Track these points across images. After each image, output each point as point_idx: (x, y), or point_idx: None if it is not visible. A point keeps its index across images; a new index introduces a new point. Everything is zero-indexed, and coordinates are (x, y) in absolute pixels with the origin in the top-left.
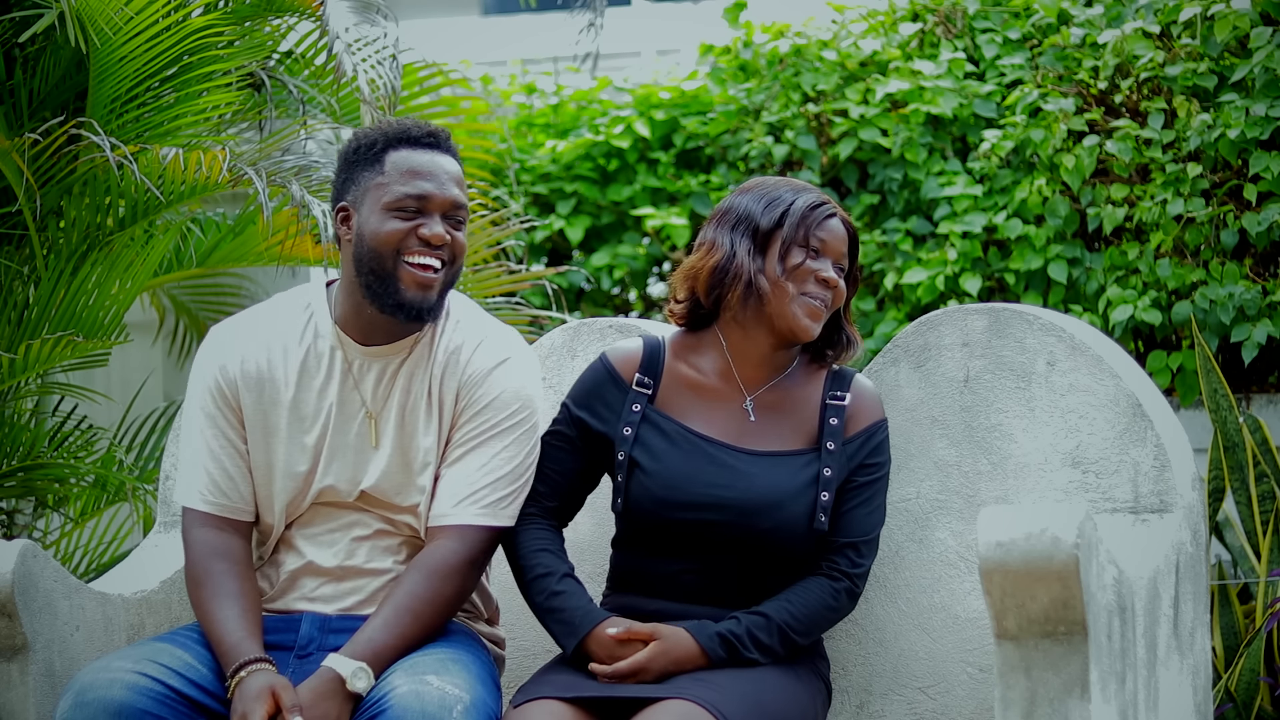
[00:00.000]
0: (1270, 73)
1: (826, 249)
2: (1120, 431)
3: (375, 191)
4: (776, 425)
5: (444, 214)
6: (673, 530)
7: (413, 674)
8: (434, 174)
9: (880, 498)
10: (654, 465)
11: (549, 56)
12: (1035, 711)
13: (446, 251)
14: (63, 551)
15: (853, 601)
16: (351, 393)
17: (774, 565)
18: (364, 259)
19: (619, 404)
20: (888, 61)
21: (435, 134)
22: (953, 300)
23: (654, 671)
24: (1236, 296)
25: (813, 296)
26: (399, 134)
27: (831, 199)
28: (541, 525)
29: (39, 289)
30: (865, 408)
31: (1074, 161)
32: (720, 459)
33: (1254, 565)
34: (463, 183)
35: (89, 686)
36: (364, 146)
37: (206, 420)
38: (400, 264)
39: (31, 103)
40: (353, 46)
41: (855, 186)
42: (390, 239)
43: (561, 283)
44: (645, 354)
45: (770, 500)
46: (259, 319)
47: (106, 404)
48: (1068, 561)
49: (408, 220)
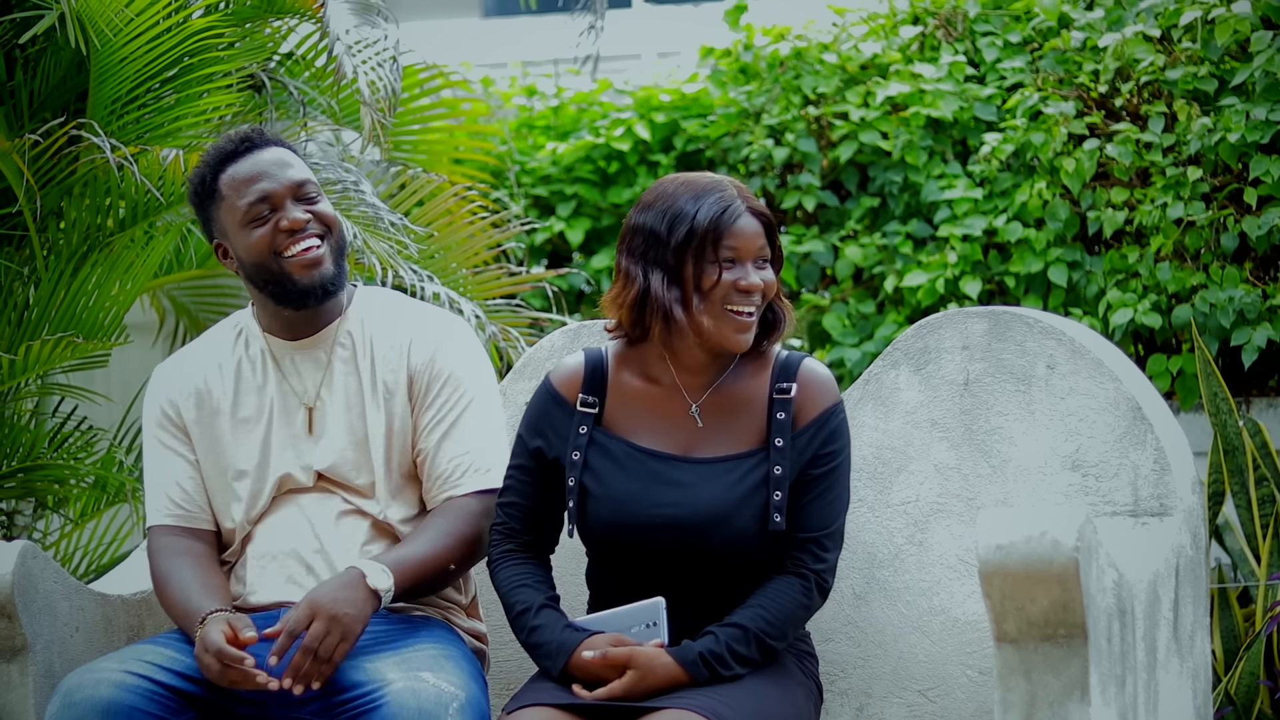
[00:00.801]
0: (1271, 77)
1: (741, 253)
2: (1120, 435)
3: (228, 217)
4: (726, 428)
5: (294, 198)
6: (630, 552)
7: (407, 670)
8: (262, 173)
9: (839, 486)
10: (601, 490)
11: (549, 59)
12: (1035, 714)
13: (315, 226)
14: (62, 552)
15: (823, 596)
16: (288, 387)
17: (738, 571)
18: (253, 275)
19: (565, 427)
20: (888, 64)
21: (248, 137)
22: (953, 303)
23: (636, 698)
24: (1236, 300)
25: (737, 310)
26: (217, 157)
27: (736, 187)
28: (518, 559)
29: (39, 290)
30: (814, 396)
31: (1074, 165)
32: (666, 475)
33: (1254, 569)
34: (293, 160)
35: (77, 687)
36: (198, 185)
37: (159, 446)
38: (281, 262)
39: (32, 104)
40: (353, 48)
41: (855, 189)
42: (261, 248)
43: (562, 285)
44: (587, 371)
45: (717, 514)
46: (194, 348)
47: (106, 405)
48: (1068, 564)
49: (265, 224)
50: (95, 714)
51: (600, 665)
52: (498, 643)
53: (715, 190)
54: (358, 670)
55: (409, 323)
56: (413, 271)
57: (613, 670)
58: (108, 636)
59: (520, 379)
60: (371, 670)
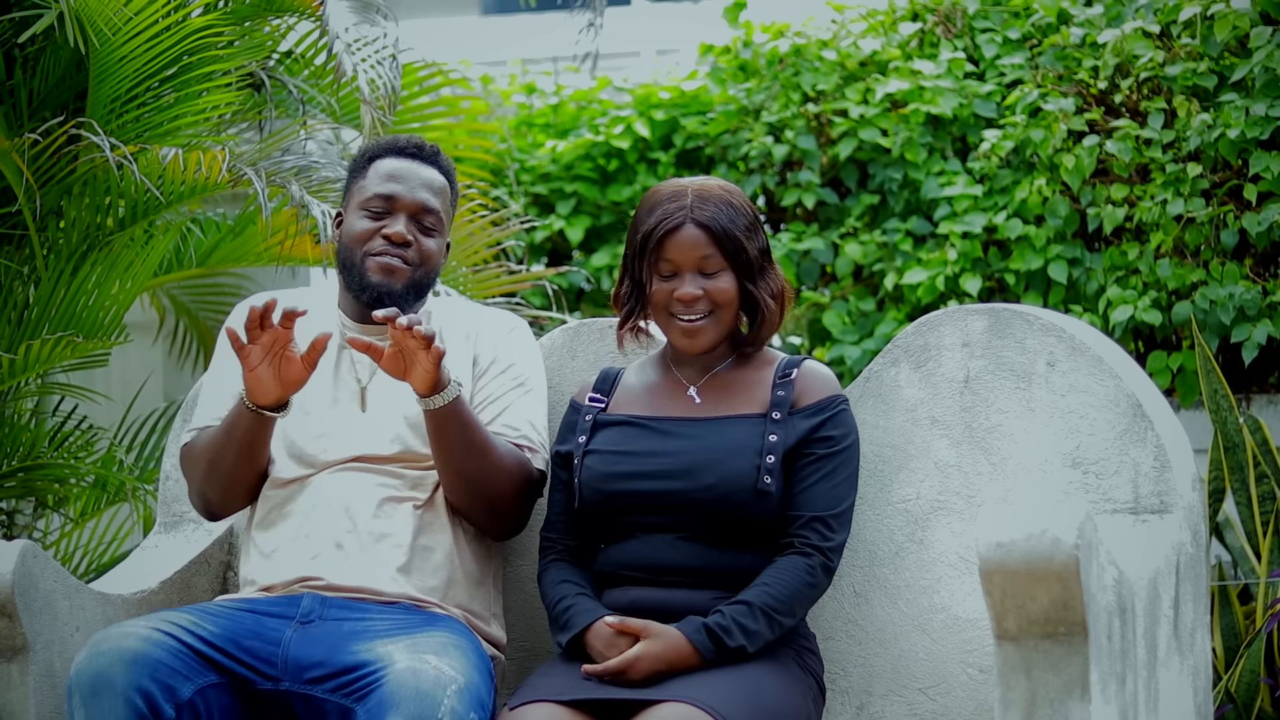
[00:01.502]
0: (1270, 72)
1: (679, 264)
2: (1120, 432)
3: (356, 195)
4: (724, 402)
5: (411, 215)
6: (621, 504)
7: (413, 652)
8: (406, 178)
9: (845, 472)
10: (600, 448)
11: (549, 56)
12: (1035, 712)
13: (412, 252)
14: (63, 552)
15: (828, 577)
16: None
17: (735, 535)
18: (341, 255)
19: (578, 424)
20: (887, 61)
21: (421, 146)
22: (953, 300)
23: (641, 670)
24: (1237, 297)
25: (680, 317)
26: (388, 145)
27: (695, 195)
28: (562, 565)
29: (39, 289)
30: (815, 384)
31: (1074, 161)
32: (663, 430)
33: (1254, 566)
34: (440, 192)
35: (104, 639)
36: (357, 158)
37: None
38: (366, 258)
39: (31, 103)
40: (352, 46)
41: (855, 186)
42: (359, 237)
43: (561, 283)
44: (599, 378)
45: (710, 458)
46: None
47: (106, 404)
48: (1068, 562)
49: (376, 220)
50: (122, 664)
51: (617, 629)
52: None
53: (669, 201)
54: (368, 651)
55: (475, 316)
56: None
57: (626, 640)
58: None
59: None
60: (381, 652)
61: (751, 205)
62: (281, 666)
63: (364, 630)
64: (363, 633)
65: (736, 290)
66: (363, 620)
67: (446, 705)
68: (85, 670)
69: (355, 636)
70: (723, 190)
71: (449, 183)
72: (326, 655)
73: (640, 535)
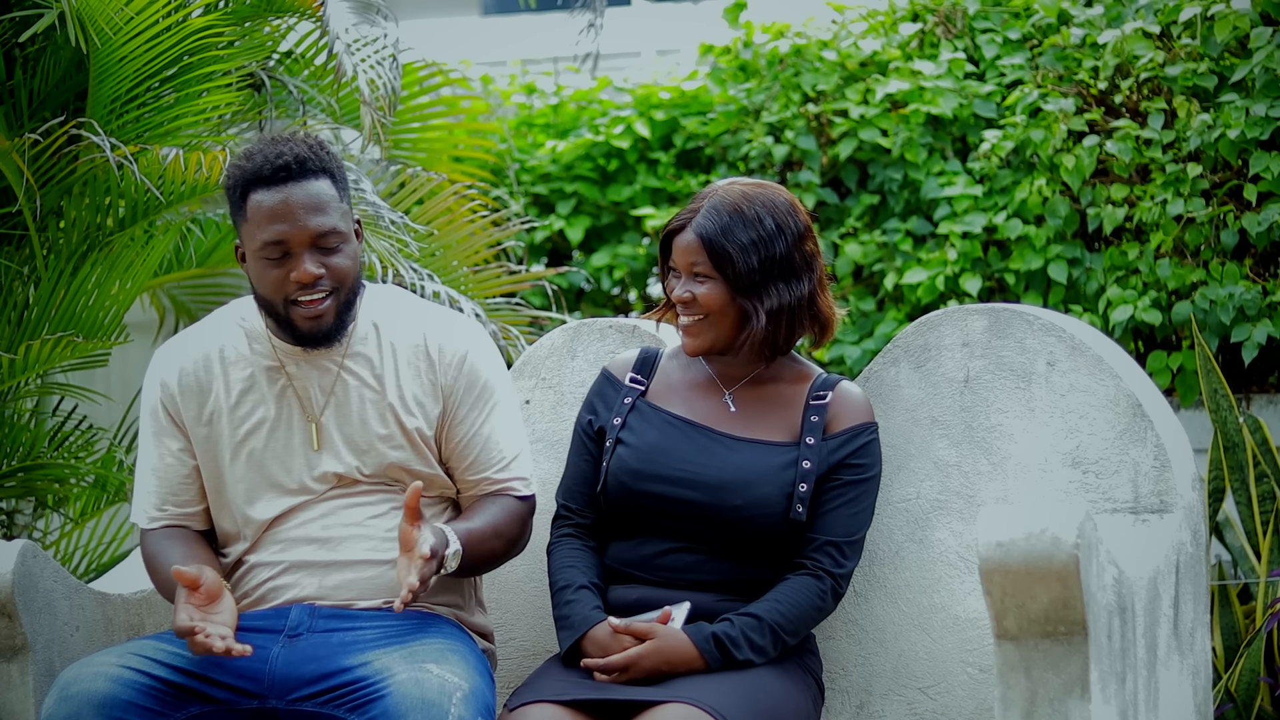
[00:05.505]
0: (1270, 73)
1: (679, 266)
2: (1120, 432)
3: (247, 238)
4: (759, 418)
5: (310, 246)
6: (645, 504)
7: (412, 662)
8: (287, 213)
9: (866, 500)
10: (634, 440)
11: (549, 56)
12: (1035, 712)
13: (327, 282)
14: (63, 552)
15: (836, 601)
16: (291, 397)
17: (751, 551)
18: (260, 301)
19: (614, 400)
20: (888, 62)
21: (287, 165)
22: (953, 300)
23: (644, 669)
24: (1236, 297)
25: (680, 316)
26: (253, 176)
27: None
28: (573, 543)
29: (39, 289)
30: (849, 409)
31: (1074, 161)
32: (699, 440)
33: (1254, 565)
34: (327, 202)
35: (73, 680)
36: (229, 188)
37: (153, 439)
38: (289, 307)
39: (31, 103)
40: (352, 46)
41: (855, 187)
42: (270, 286)
43: (561, 283)
44: (640, 357)
45: (742, 479)
46: (197, 332)
47: (106, 404)
48: (1068, 562)
49: (278, 265)
50: (91, 708)
51: (620, 632)
52: (500, 640)
53: (693, 201)
54: (364, 663)
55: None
56: (413, 270)
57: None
58: (108, 636)
59: (520, 377)
60: (377, 663)
61: (785, 218)
62: (268, 684)
63: (354, 641)
64: (354, 643)
65: (725, 300)
66: (353, 630)
67: (454, 714)
68: (55, 716)
69: (346, 648)
70: (743, 199)
71: (332, 175)
72: (318, 669)
73: (655, 536)
